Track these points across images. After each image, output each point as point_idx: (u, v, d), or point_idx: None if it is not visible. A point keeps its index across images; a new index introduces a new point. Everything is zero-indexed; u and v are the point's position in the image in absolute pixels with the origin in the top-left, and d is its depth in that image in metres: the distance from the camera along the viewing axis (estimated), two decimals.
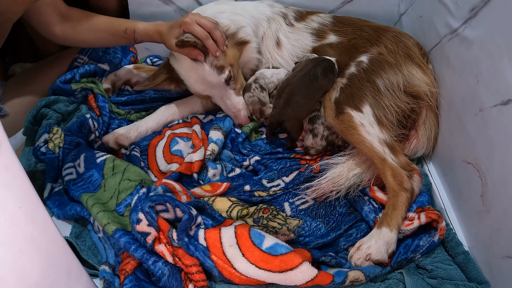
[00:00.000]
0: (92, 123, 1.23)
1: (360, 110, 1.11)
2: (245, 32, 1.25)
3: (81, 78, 1.35)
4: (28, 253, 0.58)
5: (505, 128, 0.89)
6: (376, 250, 0.93)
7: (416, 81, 1.16)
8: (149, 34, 1.21)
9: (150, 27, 1.20)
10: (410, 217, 1.00)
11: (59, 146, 1.11)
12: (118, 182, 1.07)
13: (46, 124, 1.17)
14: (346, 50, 1.27)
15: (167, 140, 1.26)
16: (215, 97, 1.26)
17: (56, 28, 1.18)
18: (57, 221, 1.05)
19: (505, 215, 0.88)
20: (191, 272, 0.85)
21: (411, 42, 1.24)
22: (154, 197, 0.90)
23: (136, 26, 1.21)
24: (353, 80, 1.16)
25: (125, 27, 1.21)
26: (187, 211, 0.88)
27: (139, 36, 1.22)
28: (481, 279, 0.91)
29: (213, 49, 1.15)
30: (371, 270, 0.89)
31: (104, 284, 0.87)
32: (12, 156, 0.60)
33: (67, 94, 1.31)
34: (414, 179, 1.06)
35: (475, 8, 1.01)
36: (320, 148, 1.21)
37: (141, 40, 1.24)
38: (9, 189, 0.58)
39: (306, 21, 1.35)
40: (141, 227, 0.88)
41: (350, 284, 0.87)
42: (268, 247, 0.86)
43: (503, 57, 0.89)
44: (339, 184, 1.07)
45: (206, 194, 1.07)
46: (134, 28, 1.21)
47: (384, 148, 1.07)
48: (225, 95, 1.25)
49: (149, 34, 1.21)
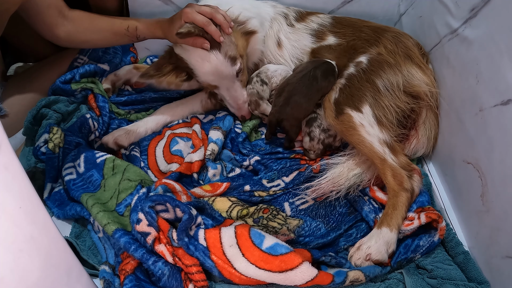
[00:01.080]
0: (92, 123, 1.23)
1: (360, 111, 1.11)
2: (253, 23, 1.25)
3: (81, 78, 1.34)
4: (28, 253, 0.58)
5: (505, 128, 0.89)
6: (376, 250, 0.93)
7: (416, 81, 1.16)
8: (151, 30, 1.21)
9: (152, 23, 1.20)
10: (410, 217, 1.00)
11: (59, 146, 1.11)
12: (118, 182, 1.07)
13: (46, 124, 1.17)
14: (345, 52, 1.27)
15: (167, 140, 1.26)
16: (222, 88, 1.25)
17: (60, 30, 1.18)
18: (57, 221, 1.05)
19: (505, 215, 0.88)
20: (191, 272, 0.85)
21: (411, 42, 1.24)
22: (154, 197, 0.90)
23: (137, 24, 1.21)
24: (352, 80, 1.16)
25: (127, 25, 1.21)
26: (187, 211, 0.88)
27: (141, 33, 1.22)
28: (481, 279, 0.91)
29: (216, 34, 1.12)
30: (371, 270, 0.89)
31: (104, 284, 0.87)
32: (12, 156, 0.60)
33: (67, 94, 1.31)
34: (414, 179, 1.06)
35: (475, 8, 1.01)
36: (319, 152, 1.21)
37: (143, 38, 1.24)
38: (9, 189, 0.58)
39: (305, 22, 1.35)
40: (141, 227, 0.88)
41: (350, 284, 0.87)
42: (268, 247, 0.86)
43: (503, 57, 0.89)
44: (339, 184, 1.07)
45: (206, 194, 1.07)
46: (136, 25, 1.20)
47: (384, 148, 1.07)
48: (232, 87, 1.25)
49: (151, 30, 1.20)
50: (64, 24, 1.18)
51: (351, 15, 1.41)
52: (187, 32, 1.10)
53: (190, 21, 1.12)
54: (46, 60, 1.41)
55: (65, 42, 1.23)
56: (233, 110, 1.31)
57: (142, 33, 1.22)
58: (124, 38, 1.23)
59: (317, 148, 1.20)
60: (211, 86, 1.25)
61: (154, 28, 1.20)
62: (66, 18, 1.18)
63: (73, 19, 1.20)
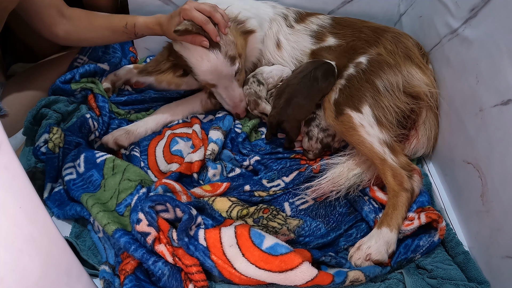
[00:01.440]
0: (92, 123, 1.23)
1: (360, 111, 1.11)
2: (252, 23, 1.25)
3: (81, 78, 1.34)
4: (28, 253, 0.58)
5: (505, 128, 0.89)
6: (376, 250, 0.93)
7: (416, 81, 1.16)
8: (149, 26, 1.20)
9: (150, 20, 1.19)
10: (410, 217, 1.00)
11: (59, 146, 1.11)
12: (118, 182, 1.07)
13: (46, 124, 1.17)
14: (345, 53, 1.27)
15: (167, 140, 1.26)
16: (220, 87, 1.24)
17: (58, 29, 1.18)
18: (57, 221, 1.05)
19: (505, 215, 0.88)
20: (191, 272, 0.85)
21: (411, 43, 1.24)
22: (154, 197, 0.90)
23: (136, 20, 1.20)
24: (352, 81, 1.16)
25: (125, 22, 1.20)
26: (187, 211, 0.88)
27: (140, 30, 1.21)
28: (481, 279, 0.91)
29: (214, 34, 1.12)
30: (371, 270, 0.89)
31: (104, 284, 0.87)
32: (12, 156, 0.60)
33: (67, 94, 1.31)
34: (414, 179, 1.06)
35: (475, 8, 1.01)
36: (317, 152, 1.21)
37: (141, 34, 1.23)
38: (9, 189, 0.58)
39: (305, 23, 1.35)
40: (141, 227, 0.88)
41: (350, 284, 0.87)
42: (268, 247, 0.86)
43: (503, 57, 0.89)
44: (339, 184, 1.07)
45: (206, 194, 1.07)
46: (134, 22, 1.20)
47: (384, 148, 1.07)
48: (230, 86, 1.25)
49: (149, 26, 1.20)
50: (63, 23, 1.18)
51: (351, 15, 1.41)
52: (185, 30, 1.10)
53: (189, 19, 1.11)
54: (46, 60, 1.41)
55: (64, 41, 1.23)
56: (228, 107, 1.31)
57: (140, 30, 1.21)
58: (123, 35, 1.23)
59: (315, 148, 1.20)
60: (209, 85, 1.25)
61: (153, 25, 1.19)
62: (65, 17, 1.18)
63: (72, 18, 1.19)
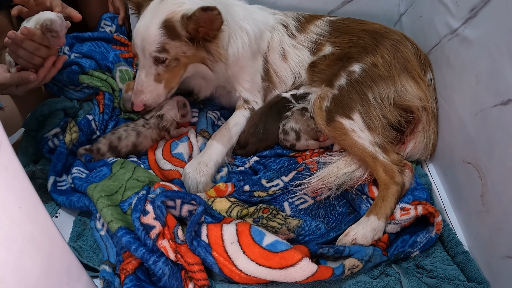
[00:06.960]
0: (94, 125, 1.26)
1: (351, 118, 1.13)
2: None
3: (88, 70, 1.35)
4: (28, 253, 0.58)
5: (505, 128, 0.89)
6: (362, 235, 0.97)
7: (408, 96, 1.16)
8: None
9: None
10: (405, 208, 1.01)
11: (73, 143, 1.14)
12: (126, 179, 1.07)
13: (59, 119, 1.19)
14: (338, 60, 1.25)
15: (166, 144, 1.25)
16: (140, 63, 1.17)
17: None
18: (57, 221, 1.05)
19: (505, 215, 0.88)
20: (193, 270, 0.85)
21: (410, 52, 1.22)
22: (169, 193, 0.92)
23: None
24: (343, 91, 1.17)
25: None
26: (203, 203, 0.90)
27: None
28: (481, 279, 0.92)
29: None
30: (362, 253, 0.91)
31: (104, 284, 0.87)
32: (12, 156, 0.59)
33: (73, 83, 1.31)
34: (405, 174, 1.08)
35: (475, 8, 1.01)
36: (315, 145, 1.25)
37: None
38: (9, 189, 0.58)
39: (306, 33, 1.33)
40: (147, 219, 0.89)
41: (349, 273, 0.89)
42: (269, 244, 0.87)
43: (503, 57, 0.89)
44: (328, 182, 1.09)
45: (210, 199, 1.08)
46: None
47: (376, 148, 1.10)
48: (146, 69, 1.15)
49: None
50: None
51: (351, 15, 1.40)
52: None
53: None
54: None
55: None
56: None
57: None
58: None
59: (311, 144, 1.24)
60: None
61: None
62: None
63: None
